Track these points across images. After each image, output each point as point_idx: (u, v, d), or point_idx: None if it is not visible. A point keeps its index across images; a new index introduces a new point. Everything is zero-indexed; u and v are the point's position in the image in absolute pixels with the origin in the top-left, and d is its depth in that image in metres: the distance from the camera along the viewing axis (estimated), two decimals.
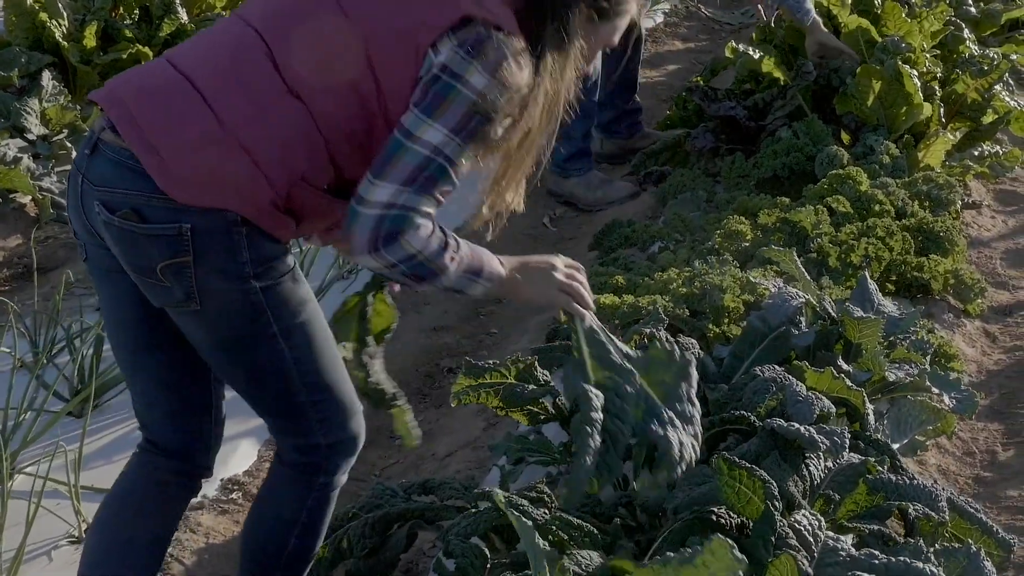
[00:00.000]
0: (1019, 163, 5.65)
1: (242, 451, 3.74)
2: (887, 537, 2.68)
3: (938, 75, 5.46)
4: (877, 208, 4.55)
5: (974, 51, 5.71)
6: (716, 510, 2.57)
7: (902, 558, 2.44)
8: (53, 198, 5.26)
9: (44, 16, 6.33)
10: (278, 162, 2.37)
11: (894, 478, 2.78)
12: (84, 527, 3.35)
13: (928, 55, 5.47)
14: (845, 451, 2.76)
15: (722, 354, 3.43)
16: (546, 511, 2.65)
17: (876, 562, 2.41)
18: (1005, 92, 5.58)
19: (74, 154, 5.17)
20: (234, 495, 3.63)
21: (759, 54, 5.82)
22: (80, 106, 6.04)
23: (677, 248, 4.55)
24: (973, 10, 6.73)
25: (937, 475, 3.50)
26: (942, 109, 5.42)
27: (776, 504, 2.50)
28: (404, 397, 2.79)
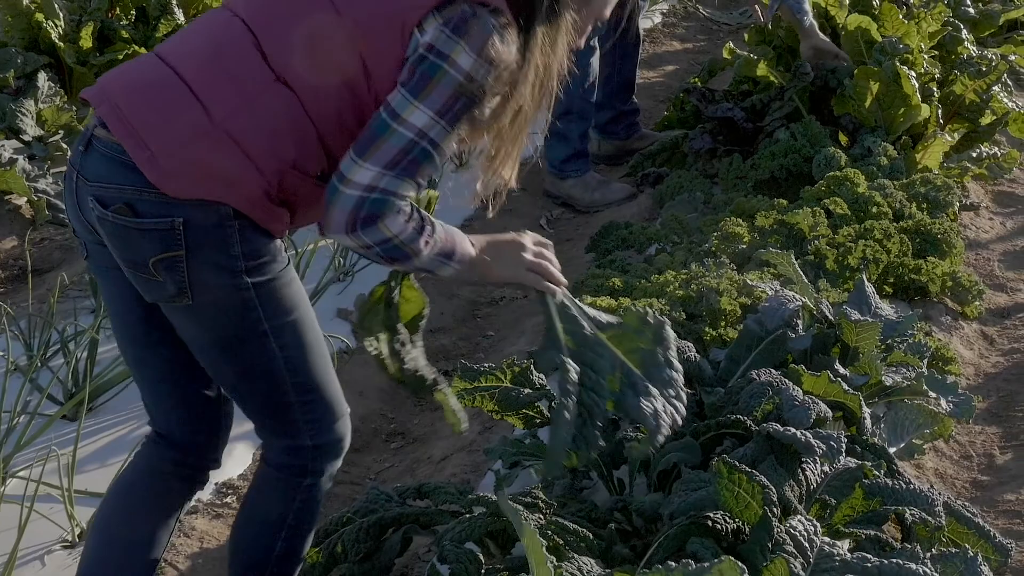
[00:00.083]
0: (1017, 164, 5.64)
1: (237, 455, 3.73)
2: (884, 542, 2.66)
3: (936, 76, 5.45)
4: (875, 210, 4.54)
5: (972, 52, 5.69)
6: (712, 515, 2.56)
7: (895, 560, 2.43)
8: (49, 200, 5.25)
9: (40, 17, 6.32)
10: (268, 152, 2.36)
11: (890, 482, 2.77)
12: (78, 531, 3.34)
13: (926, 56, 5.44)
14: (841, 455, 2.76)
15: (718, 357, 3.42)
16: (541, 516, 2.65)
17: (869, 565, 2.41)
18: (1003, 93, 5.57)
19: (70, 155, 5.15)
20: (228, 499, 3.61)
21: (755, 56, 5.80)
22: (76, 107, 6.03)
23: (674, 250, 4.53)
24: (971, 11, 6.71)
25: (934, 479, 3.48)
26: (940, 110, 5.40)
27: (774, 510, 2.49)
28: (445, 382, 2.76)
